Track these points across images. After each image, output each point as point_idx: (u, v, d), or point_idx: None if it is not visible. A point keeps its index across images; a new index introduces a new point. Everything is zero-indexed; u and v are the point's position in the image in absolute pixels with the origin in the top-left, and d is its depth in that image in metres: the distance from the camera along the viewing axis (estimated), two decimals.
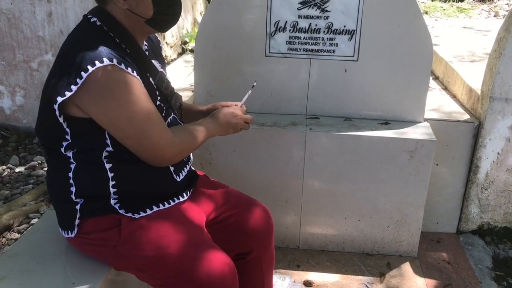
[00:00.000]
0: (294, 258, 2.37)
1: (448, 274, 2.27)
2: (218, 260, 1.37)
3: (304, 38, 2.25)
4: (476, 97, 2.46)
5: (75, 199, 1.36)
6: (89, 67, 1.19)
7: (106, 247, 1.38)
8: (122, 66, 1.23)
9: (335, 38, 2.23)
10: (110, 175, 1.35)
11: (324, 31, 2.22)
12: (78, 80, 1.20)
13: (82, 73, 1.19)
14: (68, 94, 1.21)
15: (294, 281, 2.20)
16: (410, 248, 2.39)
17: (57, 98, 1.23)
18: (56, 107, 1.24)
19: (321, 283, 2.19)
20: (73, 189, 1.35)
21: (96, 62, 1.20)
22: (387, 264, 2.34)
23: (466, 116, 2.46)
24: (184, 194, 1.51)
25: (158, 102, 1.43)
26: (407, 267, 2.32)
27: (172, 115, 1.52)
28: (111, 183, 1.35)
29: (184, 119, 1.63)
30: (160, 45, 1.60)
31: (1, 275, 1.37)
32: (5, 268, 1.40)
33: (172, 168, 1.45)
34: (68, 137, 1.31)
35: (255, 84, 1.73)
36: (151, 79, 1.42)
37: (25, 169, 3.02)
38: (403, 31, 2.19)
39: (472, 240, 2.53)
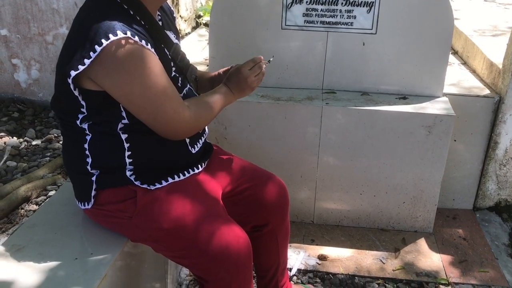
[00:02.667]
0: (308, 232, 2.38)
1: (464, 250, 2.26)
2: (233, 234, 1.37)
3: (321, 10, 2.20)
4: (497, 71, 2.40)
5: (91, 170, 1.37)
6: (103, 40, 1.17)
7: (122, 218, 1.39)
8: (136, 39, 1.21)
9: (353, 10, 2.19)
10: (126, 145, 1.35)
11: (342, 3, 2.17)
12: (91, 53, 1.18)
13: (96, 46, 1.18)
14: (81, 68, 1.20)
15: (308, 255, 2.21)
16: (426, 224, 2.37)
17: (71, 72, 1.21)
18: (70, 81, 1.23)
19: (336, 258, 2.20)
20: (89, 160, 1.36)
21: (110, 35, 1.18)
22: (402, 239, 2.33)
23: (486, 91, 2.41)
24: (199, 165, 1.50)
25: (173, 73, 1.41)
26: (422, 242, 2.31)
27: (188, 86, 1.51)
28: (127, 153, 1.35)
29: (199, 90, 1.62)
30: (174, 15, 1.58)
31: (21, 244, 1.39)
32: (25, 238, 1.42)
33: (187, 140, 1.45)
34: (83, 110, 1.31)
35: (271, 59, 1.68)
36: (166, 50, 1.40)
37: (41, 142, 3.05)
38: (423, 4, 2.14)
39: (489, 216, 2.51)
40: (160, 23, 1.45)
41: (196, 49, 3.16)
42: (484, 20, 3.45)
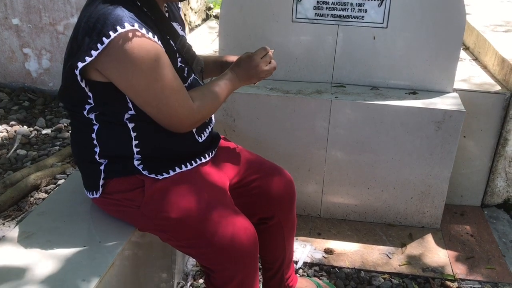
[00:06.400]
0: (315, 226, 2.38)
1: (471, 246, 2.25)
2: (239, 224, 1.38)
3: (332, 3, 2.19)
4: (509, 67, 2.38)
5: (99, 159, 1.38)
6: (110, 32, 1.17)
7: (130, 207, 1.40)
8: (143, 31, 1.21)
9: (364, 3, 2.17)
10: (133, 134, 1.35)
11: None
12: (99, 45, 1.18)
13: (104, 38, 1.18)
14: (88, 59, 1.20)
15: (315, 249, 2.21)
16: (433, 220, 2.37)
17: (78, 64, 1.22)
18: (77, 72, 1.24)
19: (342, 252, 2.20)
20: (97, 149, 1.37)
21: (118, 27, 1.18)
22: (409, 235, 2.33)
23: (497, 87, 2.39)
24: (206, 155, 1.51)
25: (179, 64, 1.41)
26: (429, 238, 2.30)
27: (193, 76, 1.50)
28: (134, 142, 1.36)
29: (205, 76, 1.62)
30: (179, 5, 1.58)
31: (30, 231, 1.41)
32: (34, 225, 1.44)
33: (194, 129, 1.45)
34: (90, 101, 1.32)
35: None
36: (172, 42, 1.40)
37: (51, 131, 3.08)
38: None
39: (497, 213, 2.50)
40: (167, 14, 1.45)
41: (206, 41, 3.16)
42: (497, 15, 3.41)
